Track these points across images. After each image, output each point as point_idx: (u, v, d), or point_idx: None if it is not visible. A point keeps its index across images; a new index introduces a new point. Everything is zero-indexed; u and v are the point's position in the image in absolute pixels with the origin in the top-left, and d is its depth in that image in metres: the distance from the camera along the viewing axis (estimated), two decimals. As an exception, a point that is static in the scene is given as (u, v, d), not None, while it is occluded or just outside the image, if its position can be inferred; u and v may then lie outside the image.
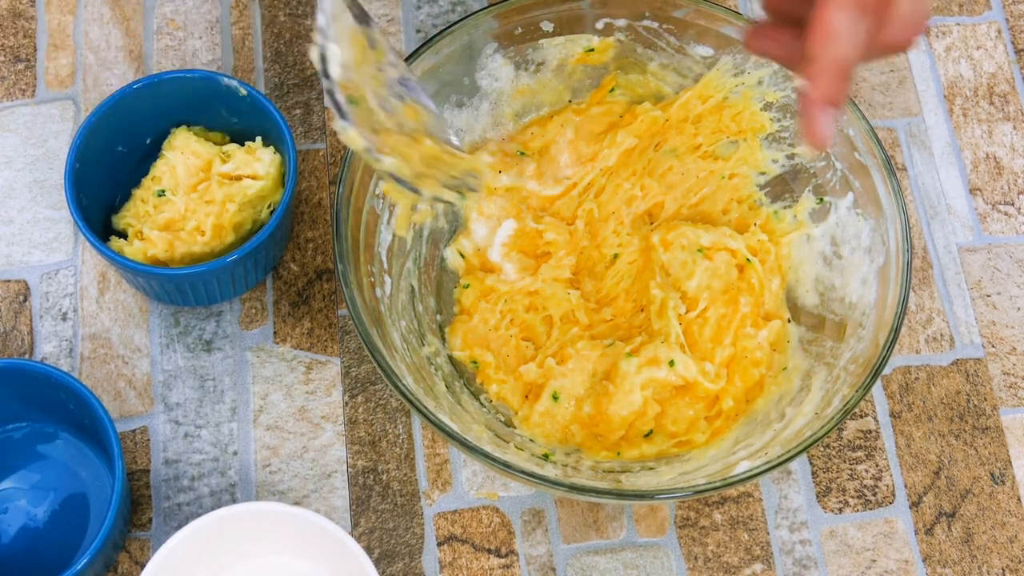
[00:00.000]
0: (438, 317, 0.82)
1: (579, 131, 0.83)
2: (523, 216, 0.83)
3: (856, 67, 0.61)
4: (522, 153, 0.83)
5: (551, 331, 0.81)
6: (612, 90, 0.84)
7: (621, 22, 0.81)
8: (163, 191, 0.81)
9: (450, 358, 0.81)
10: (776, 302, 0.80)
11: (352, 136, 0.64)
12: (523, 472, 0.69)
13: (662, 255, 0.81)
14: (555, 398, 0.78)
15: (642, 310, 0.81)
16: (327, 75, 0.63)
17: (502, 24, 0.79)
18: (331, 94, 0.64)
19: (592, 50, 0.82)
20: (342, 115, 0.64)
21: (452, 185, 0.70)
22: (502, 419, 0.79)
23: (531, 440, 0.78)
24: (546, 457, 0.77)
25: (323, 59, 0.64)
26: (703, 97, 0.81)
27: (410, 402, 0.70)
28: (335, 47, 0.64)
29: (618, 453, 0.78)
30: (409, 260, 0.81)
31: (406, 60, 0.77)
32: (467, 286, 0.82)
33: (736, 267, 0.80)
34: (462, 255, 0.83)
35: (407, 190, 0.67)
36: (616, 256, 0.82)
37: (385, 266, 0.78)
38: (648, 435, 0.78)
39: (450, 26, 0.78)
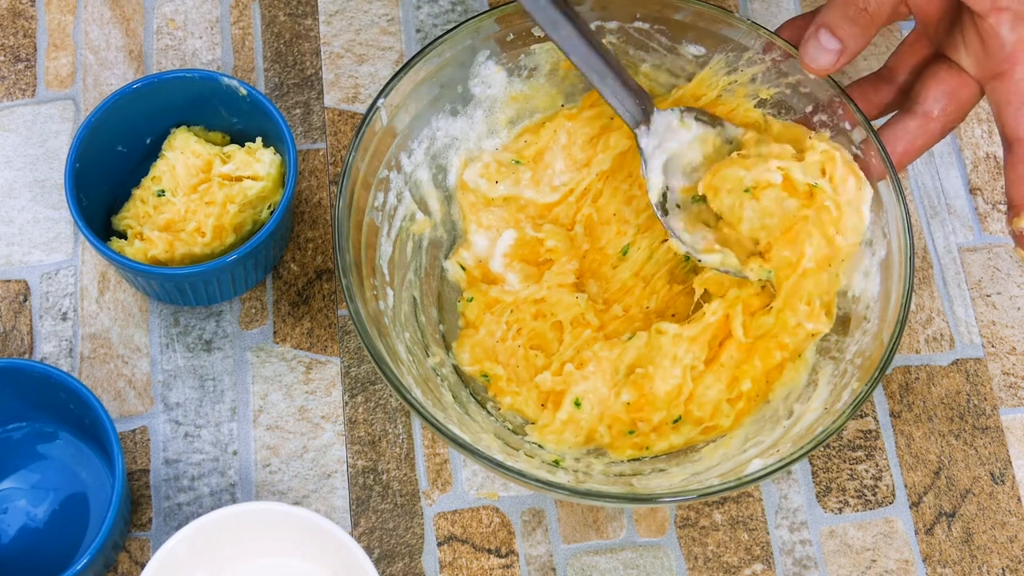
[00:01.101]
0: (441, 327, 0.82)
1: (572, 136, 0.83)
2: (522, 225, 0.83)
3: None
4: (517, 162, 0.83)
5: (561, 337, 0.81)
6: (604, 93, 0.84)
7: (612, 24, 0.80)
8: (163, 191, 0.81)
9: (455, 368, 0.81)
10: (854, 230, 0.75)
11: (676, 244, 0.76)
12: (537, 480, 0.69)
13: (712, 202, 0.77)
14: (577, 404, 0.78)
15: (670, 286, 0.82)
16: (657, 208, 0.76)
17: (502, 28, 0.79)
18: (666, 224, 0.76)
19: None
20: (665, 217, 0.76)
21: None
22: (510, 427, 0.79)
23: (540, 447, 0.78)
24: (556, 463, 0.77)
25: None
26: (696, 96, 0.81)
27: (423, 416, 0.70)
28: (655, 177, 0.76)
29: (647, 447, 0.77)
30: (410, 271, 0.81)
31: (408, 63, 0.77)
32: (471, 299, 0.82)
33: (803, 196, 0.75)
34: (463, 267, 0.83)
35: (735, 276, 0.77)
36: (627, 250, 0.82)
37: (387, 278, 0.78)
38: (676, 422, 0.77)
39: (451, 29, 0.78)
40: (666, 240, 0.82)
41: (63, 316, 0.84)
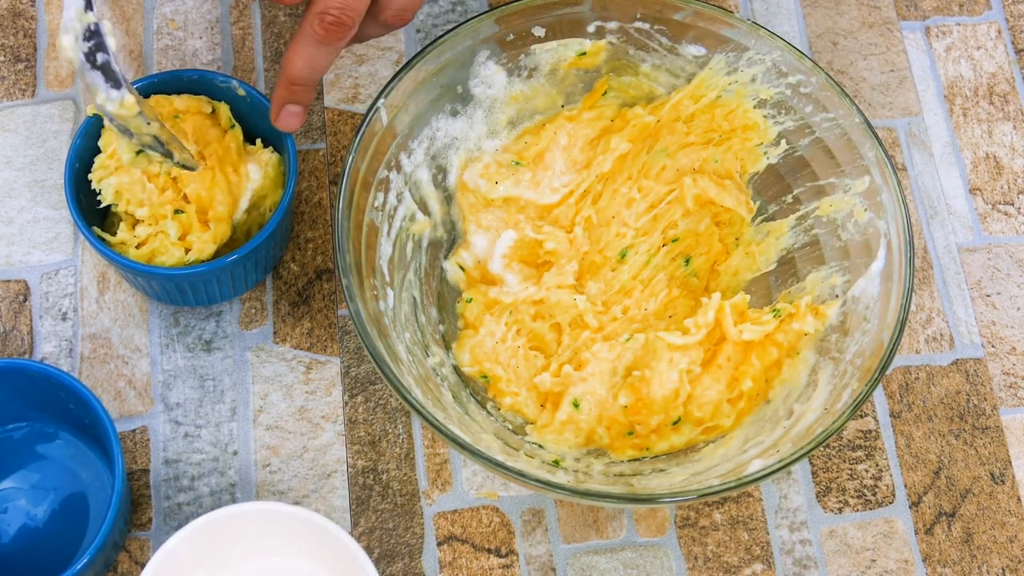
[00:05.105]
0: (441, 327, 0.82)
1: (572, 138, 0.83)
2: (522, 226, 0.83)
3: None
4: (517, 163, 0.83)
5: (560, 338, 0.81)
6: (605, 93, 0.84)
7: (612, 24, 0.80)
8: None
9: (455, 368, 0.81)
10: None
11: (131, 103, 0.69)
12: (537, 480, 0.69)
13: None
14: (575, 405, 0.78)
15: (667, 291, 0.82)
16: (105, 49, 0.67)
17: (502, 29, 0.79)
18: (107, 66, 0.67)
19: (584, 54, 0.82)
20: (117, 84, 0.68)
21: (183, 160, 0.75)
22: (510, 427, 0.79)
23: (540, 447, 0.78)
24: (556, 463, 0.77)
25: (98, 34, 0.67)
26: (695, 97, 0.81)
27: (423, 416, 0.70)
28: (107, 22, 0.67)
29: (647, 448, 0.77)
30: (410, 271, 0.81)
31: (408, 63, 0.77)
32: (470, 300, 0.82)
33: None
34: (462, 268, 0.83)
35: (162, 154, 0.73)
36: (625, 253, 0.82)
37: (387, 279, 0.78)
38: (676, 423, 0.77)
39: (451, 29, 0.78)
40: (666, 244, 0.82)
41: (63, 316, 0.84)
